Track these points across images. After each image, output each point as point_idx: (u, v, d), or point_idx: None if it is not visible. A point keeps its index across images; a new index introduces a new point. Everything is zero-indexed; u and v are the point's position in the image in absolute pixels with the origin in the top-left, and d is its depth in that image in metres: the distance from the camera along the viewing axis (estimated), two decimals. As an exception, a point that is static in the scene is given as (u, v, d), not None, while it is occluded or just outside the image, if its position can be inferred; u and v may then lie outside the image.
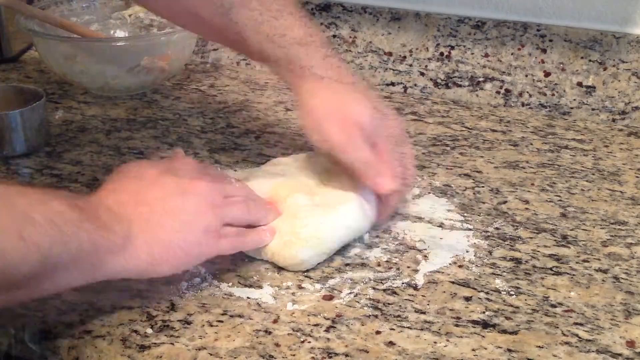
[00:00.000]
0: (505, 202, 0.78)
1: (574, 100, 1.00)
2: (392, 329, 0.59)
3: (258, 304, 0.61)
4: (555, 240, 0.72)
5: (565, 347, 0.58)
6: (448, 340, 0.58)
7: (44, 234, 0.49)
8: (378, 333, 0.59)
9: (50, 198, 0.52)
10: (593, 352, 0.57)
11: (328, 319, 0.60)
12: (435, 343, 0.58)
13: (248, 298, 0.62)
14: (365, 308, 0.61)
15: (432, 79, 1.05)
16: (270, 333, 0.58)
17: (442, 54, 1.03)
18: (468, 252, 0.69)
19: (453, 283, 0.65)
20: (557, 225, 0.74)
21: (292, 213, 0.67)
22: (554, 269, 0.67)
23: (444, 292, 0.64)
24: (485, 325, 0.60)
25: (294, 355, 0.56)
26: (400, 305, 0.62)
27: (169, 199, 0.60)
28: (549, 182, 0.83)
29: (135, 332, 0.58)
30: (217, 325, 0.59)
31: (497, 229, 0.73)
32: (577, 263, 0.68)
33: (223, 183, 0.66)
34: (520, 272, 0.67)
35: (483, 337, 0.59)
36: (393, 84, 1.07)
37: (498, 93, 1.03)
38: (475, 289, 0.64)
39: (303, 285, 0.64)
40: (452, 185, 0.81)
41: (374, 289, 0.64)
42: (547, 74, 1.00)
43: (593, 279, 0.66)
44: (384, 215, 0.72)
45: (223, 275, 0.65)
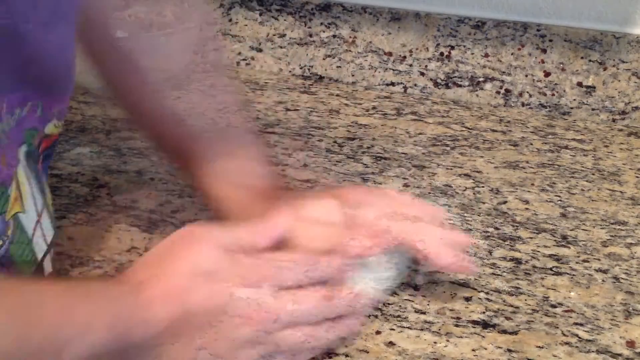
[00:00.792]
0: (505, 202, 0.78)
1: (574, 100, 1.00)
2: (392, 329, 0.59)
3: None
4: (555, 241, 0.72)
5: (565, 347, 0.58)
6: (448, 341, 0.58)
7: None
8: (378, 333, 0.59)
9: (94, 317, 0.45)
10: (593, 352, 0.57)
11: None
12: (435, 343, 0.58)
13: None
14: (365, 308, 0.61)
15: (432, 79, 1.05)
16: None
17: (442, 54, 1.03)
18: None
19: (453, 283, 0.65)
20: (557, 225, 0.74)
21: None
22: (554, 269, 0.67)
23: (444, 292, 0.64)
24: (485, 325, 0.60)
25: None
26: (400, 305, 0.62)
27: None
28: (549, 182, 0.83)
29: (135, 332, 0.58)
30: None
31: (497, 229, 0.73)
32: (577, 263, 0.68)
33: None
34: (520, 272, 0.67)
35: (483, 337, 0.59)
36: (393, 84, 1.07)
37: (498, 93, 1.03)
38: (475, 289, 0.64)
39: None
40: (452, 185, 0.81)
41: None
42: (547, 74, 1.00)
43: (593, 279, 0.66)
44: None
45: (223, 275, 0.64)
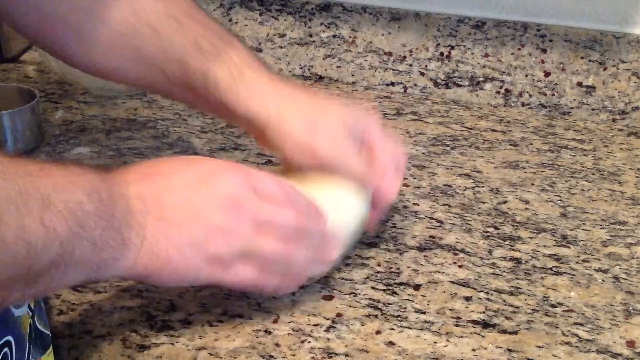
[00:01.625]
0: (505, 202, 0.78)
1: (574, 100, 1.00)
2: (392, 329, 0.59)
3: (258, 304, 0.61)
4: (555, 240, 0.72)
5: (565, 347, 0.58)
6: (448, 340, 0.58)
7: (64, 225, 0.46)
8: (378, 333, 0.59)
9: (74, 181, 0.48)
10: (593, 352, 0.57)
11: (328, 319, 0.60)
12: (435, 343, 0.58)
13: (248, 298, 0.62)
14: (365, 308, 0.61)
15: (432, 79, 1.05)
16: (270, 333, 0.58)
17: (442, 54, 1.03)
18: (468, 252, 0.69)
19: (453, 283, 0.65)
20: (557, 225, 0.74)
21: None
22: (554, 269, 0.67)
23: (444, 292, 0.64)
24: (485, 325, 0.60)
25: (294, 355, 0.56)
26: (400, 305, 0.62)
27: (199, 211, 0.53)
28: (549, 182, 0.83)
29: (135, 332, 0.58)
30: (217, 325, 0.59)
31: (497, 229, 0.73)
32: (577, 263, 0.68)
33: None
34: (520, 272, 0.67)
35: (483, 337, 0.59)
36: (393, 84, 1.07)
37: (498, 93, 1.03)
38: (475, 289, 0.64)
39: (303, 285, 0.64)
40: (452, 185, 0.81)
41: (374, 289, 0.64)
42: (547, 74, 1.00)
43: (593, 279, 0.66)
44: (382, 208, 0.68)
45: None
